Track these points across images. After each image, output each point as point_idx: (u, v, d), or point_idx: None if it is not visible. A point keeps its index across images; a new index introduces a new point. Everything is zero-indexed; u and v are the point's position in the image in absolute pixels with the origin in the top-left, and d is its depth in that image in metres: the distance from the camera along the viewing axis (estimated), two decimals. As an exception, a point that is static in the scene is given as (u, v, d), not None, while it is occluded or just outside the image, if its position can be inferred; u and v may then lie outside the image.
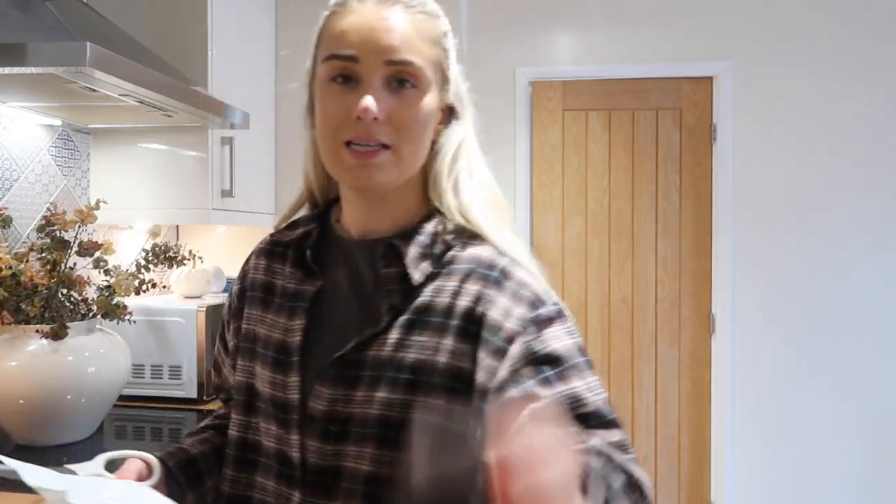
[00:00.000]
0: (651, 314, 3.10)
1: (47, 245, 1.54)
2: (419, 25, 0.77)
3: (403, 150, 0.76)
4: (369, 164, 0.75)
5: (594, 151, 3.14)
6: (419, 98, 0.76)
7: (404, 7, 0.77)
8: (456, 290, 0.76)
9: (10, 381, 1.45)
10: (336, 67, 0.76)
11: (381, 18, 0.75)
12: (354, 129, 0.74)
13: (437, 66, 0.79)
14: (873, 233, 2.96)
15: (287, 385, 0.79)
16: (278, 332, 0.82)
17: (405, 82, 0.76)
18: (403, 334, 0.75)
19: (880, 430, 2.97)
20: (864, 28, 2.95)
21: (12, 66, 1.26)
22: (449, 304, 0.75)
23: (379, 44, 0.74)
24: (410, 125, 0.76)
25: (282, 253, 0.88)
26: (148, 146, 2.03)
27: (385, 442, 0.73)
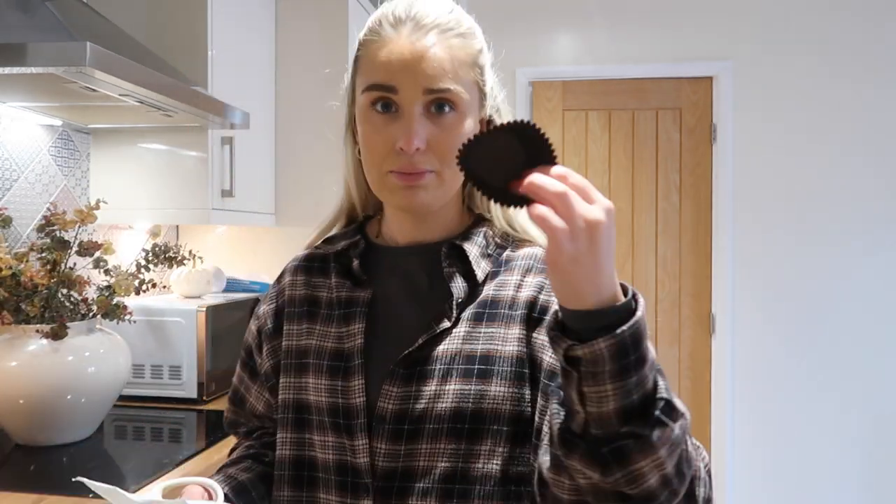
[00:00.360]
0: (651, 314, 3.10)
1: (47, 245, 1.54)
2: (455, 50, 0.77)
3: (446, 173, 0.78)
4: (415, 185, 0.77)
5: (594, 151, 3.14)
6: (460, 122, 0.77)
7: (439, 32, 0.77)
8: (518, 283, 0.80)
9: (10, 381, 1.45)
10: (376, 97, 0.77)
11: (418, 48, 0.76)
12: (398, 161, 0.76)
13: (474, 86, 0.80)
14: (873, 233, 2.96)
15: (350, 390, 0.79)
16: (330, 340, 0.83)
17: (444, 107, 0.77)
18: (471, 327, 0.78)
19: (880, 430, 2.97)
20: (864, 28, 2.95)
21: (12, 66, 1.26)
22: (513, 297, 0.79)
23: (417, 74, 0.75)
24: (452, 151, 0.73)
25: (321, 267, 0.89)
26: (148, 146, 2.03)
27: (460, 435, 0.74)
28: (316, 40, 2.40)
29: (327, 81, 2.71)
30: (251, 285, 2.37)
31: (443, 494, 0.74)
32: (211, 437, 1.61)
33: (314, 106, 2.41)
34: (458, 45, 0.78)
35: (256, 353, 0.92)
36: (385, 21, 0.79)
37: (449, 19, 0.78)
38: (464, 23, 0.80)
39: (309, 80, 2.41)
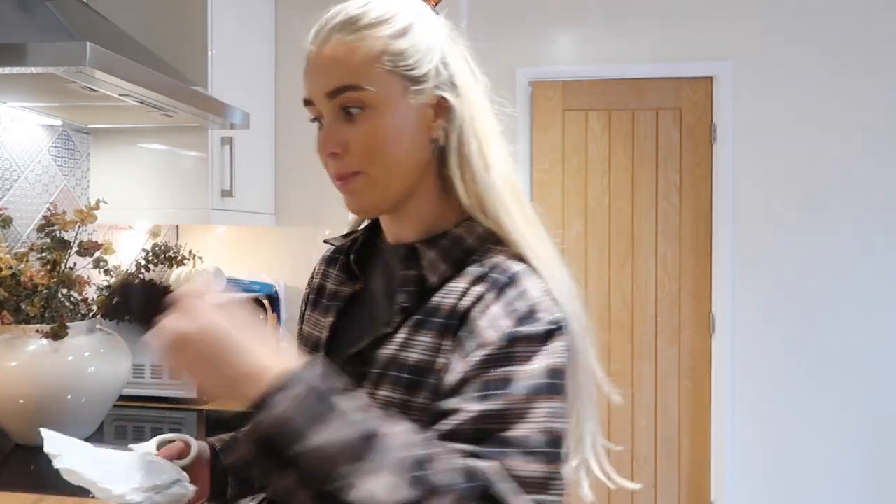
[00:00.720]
0: (651, 314, 3.10)
1: (47, 245, 1.54)
2: (354, 45, 0.74)
3: (373, 172, 0.76)
4: (347, 190, 0.78)
5: (594, 151, 3.14)
6: (373, 118, 0.75)
7: (339, 31, 0.75)
8: (463, 291, 0.74)
9: (10, 381, 1.45)
10: (308, 113, 0.79)
11: (318, 58, 0.76)
12: (330, 167, 0.78)
13: (389, 75, 0.75)
14: (874, 233, 2.96)
15: None
16: (317, 330, 0.87)
17: (351, 109, 0.75)
18: (410, 334, 0.75)
19: (880, 430, 2.97)
20: (864, 28, 2.95)
21: (12, 66, 1.26)
22: (452, 306, 0.74)
23: (317, 83, 0.76)
24: (369, 149, 0.76)
25: (336, 259, 0.92)
26: (148, 146, 2.03)
27: None
28: (316, 40, 2.39)
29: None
30: (251, 285, 2.38)
31: None
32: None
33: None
34: (356, 38, 0.75)
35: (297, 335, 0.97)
36: (311, 35, 0.79)
37: (354, 14, 0.76)
38: (373, 11, 0.76)
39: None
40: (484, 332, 0.69)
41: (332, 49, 0.75)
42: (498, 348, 0.68)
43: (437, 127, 0.78)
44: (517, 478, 0.62)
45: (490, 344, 0.68)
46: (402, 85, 0.76)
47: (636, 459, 3.11)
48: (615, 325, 3.11)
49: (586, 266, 3.13)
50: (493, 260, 0.76)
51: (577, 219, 3.14)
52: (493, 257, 0.76)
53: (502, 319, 0.70)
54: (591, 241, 3.13)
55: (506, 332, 0.69)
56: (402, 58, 0.76)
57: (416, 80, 0.77)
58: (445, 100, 0.78)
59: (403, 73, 0.76)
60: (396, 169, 0.77)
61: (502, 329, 0.69)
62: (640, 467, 3.11)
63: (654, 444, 3.10)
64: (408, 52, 0.76)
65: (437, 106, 0.78)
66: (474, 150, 0.78)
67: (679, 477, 3.10)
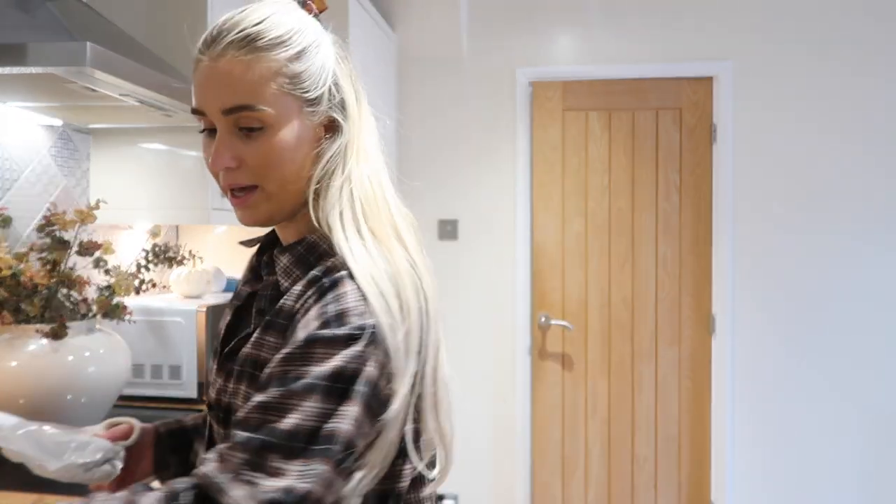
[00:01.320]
0: (651, 314, 3.10)
1: (47, 245, 1.54)
2: (252, 65, 0.76)
3: (268, 186, 0.80)
4: (244, 207, 0.81)
5: (594, 151, 3.14)
6: (269, 137, 0.78)
7: (236, 49, 0.76)
8: (300, 294, 0.78)
9: (10, 381, 1.45)
10: (199, 122, 0.81)
11: (213, 70, 0.77)
12: (222, 179, 0.80)
13: (284, 97, 0.78)
14: (874, 233, 2.96)
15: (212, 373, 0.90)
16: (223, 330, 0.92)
17: (248, 127, 0.78)
18: (261, 334, 0.80)
19: (880, 430, 2.97)
20: (864, 28, 2.95)
21: (12, 66, 1.26)
22: (290, 307, 0.78)
23: (212, 98, 0.77)
24: (265, 166, 0.78)
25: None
26: (148, 146, 2.03)
27: None
28: (316, 40, 2.39)
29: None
30: (251, 285, 2.37)
31: None
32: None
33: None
34: (254, 60, 0.76)
35: None
36: (202, 43, 0.80)
37: (251, 32, 0.77)
38: (271, 32, 0.77)
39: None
40: (297, 332, 0.73)
41: (228, 65, 0.76)
42: (298, 347, 0.72)
43: (324, 143, 0.82)
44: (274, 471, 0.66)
45: (294, 343, 0.72)
46: (297, 105, 0.79)
47: (636, 459, 3.11)
48: (615, 325, 3.11)
49: (586, 266, 3.13)
50: (327, 265, 0.78)
51: (577, 219, 3.14)
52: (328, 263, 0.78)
53: (313, 321, 0.73)
54: (591, 241, 3.13)
55: (311, 332, 0.72)
56: (297, 81, 0.78)
57: (311, 102, 0.80)
58: (336, 119, 0.82)
59: (299, 95, 0.79)
60: (290, 184, 0.81)
61: (310, 331, 0.72)
62: (640, 467, 3.11)
63: (654, 444, 3.10)
64: (303, 75, 0.79)
65: (329, 126, 0.83)
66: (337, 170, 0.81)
67: (679, 477, 3.10)
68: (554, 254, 3.15)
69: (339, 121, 0.82)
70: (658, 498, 3.11)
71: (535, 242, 3.16)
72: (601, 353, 3.12)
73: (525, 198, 3.14)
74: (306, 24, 0.81)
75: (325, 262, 0.79)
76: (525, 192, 3.15)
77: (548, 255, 3.16)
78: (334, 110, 0.82)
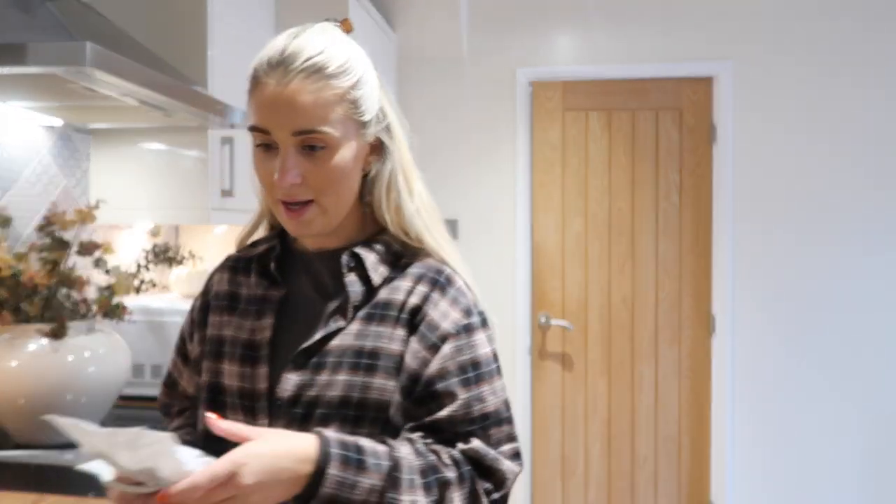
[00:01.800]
0: (651, 314, 3.10)
1: (47, 245, 1.54)
2: (320, 92, 0.84)
3: (325, 202, 0.88)
4: (300, 220, 0.88)
5: (594, 151, 3.14)
6: (331, 156, 0.86)
7: (306, 76, 0.84)
8: (409, 289, 0.90)
9: (10, 381, 1.45)
10: (256, 137, 0.87)
11: (284, 94, 0.84)
12: (281, 191, 0.87)
13: (346, 120, 0.87)
14: (873, 233, 2.96)
15: (255, 376, 0.90)
16: (245, 333, 0.94)
17: (314, 147, 0.85)
18: (363, 326, 0.88)
19: (880, 430, 2.97)
20: (864, 27, 2.95)
21: (12, 66, 1.26)
22: (403, 301, 0.89)
23: (283, 119, 0.84)
24: (326, 182, 0.87)
25: (245, 268, 1.00)
26: (148, 146, 2.03)
27: (346, 420, 0.85)
28: (316, 40, 2.39)
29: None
30: (251, 285, 2.37)
31: None
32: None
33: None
34: (322, 87, 0.85)
35: (189, 341, 1.03)
36: (261, 67, 0.87)
37: (318, 60, 0.85)
38: (334, 61, 0.86)
39: (309, 80, 2.40)
40: (440, 324, 0.88)
41: (298, 92, 0.84)
42: (459, 337, 0.88)
43: (370, 162, 0.93)
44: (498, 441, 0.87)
45: (452, 335, 0.88)
46: (355, 128, 0.88)
47: (636, 459, 3.11)
48: (615, 325, 3.11)
49: (586, 266, 3.13)
50: (427, 263, 0.93)
51: (577, 219, 3.14)
52: (426, 260, 0.93)
53: (452, 313, 0.89)
54: (591, 241, 3.13)
55: (460, 323, 0.89)
56: (356, 106, 0.88)
57: (364, 125, 0.89)
58: (381, 141, 0.92)
59: (356, 119, 0.88)
60: (341, 200, 0.90)
61: (456, 321, 0.89)
62: (640, 467, 3.11)
63: (654, 443, 3.10)
64: (360, 100, 0.88)
65: (374, 145, 0.92)
66: (401, 183, 0.93)
67: (679, 477, 3.10)
68: (554, 254, 3.15)
69: (386, 141, 0.92)
70: (658, 498, 3.11)
71: (535, 242, 3.16)
72: (601, 354, 3.12)
73: (525, 198, 3.14)
74: (358, 53, 0.90)
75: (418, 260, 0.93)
76: (525, 192, 3.15)
77: (548, 255, 3.16)
78: (381, 132, 0.92)
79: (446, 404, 0.85)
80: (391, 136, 0.93)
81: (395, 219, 0.93)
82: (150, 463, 0.71)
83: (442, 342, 0.87)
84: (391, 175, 0.93)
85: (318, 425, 0.84)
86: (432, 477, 0.81)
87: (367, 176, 0.93)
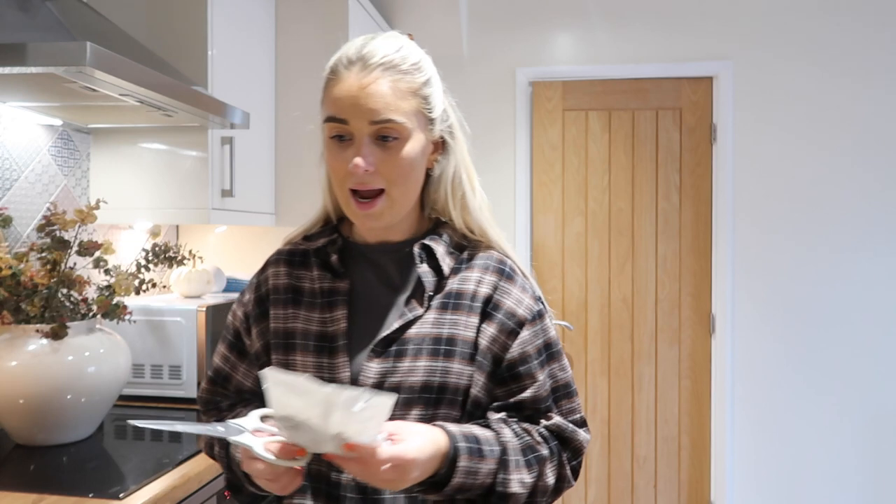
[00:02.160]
0: (651, 314, 3.10)
1: (47, 245, 1.54)
2: (396, 85, 0.91)
3: (394, 192, 0.93)
4: (370, 213, 0.93)
5: (594, 151, 3.14)
6: (402, 147, 0.92)
7: (383, 70, 0.91)
8: (479, 279, 0.97)
9: (10, 381, 1.45)
10: (333, 128, 0.92)
11: (364, 86, 0.90)
12: (354, 180, 0.91)
13: (417, 114, 0.93)
14: (873, 233, 2.96)
15: (335, 366, 0.94)
16: (315, 324, 0.97)
17: (387, 137, 0.91)
18: (438, 314, 0.94)
19: (879, 430, 2.97)
20: (864, 28, 2.95)
21: (12, 66, 1.26)
22: (474, 291, 0.96)
23: (362, 108, 0.89)
24: (397, 172, 0.92)
25: (302, 261, 1.03)
26: (148, 146, 2.03)
27: (427, 403, 0.91)
28: (316, 40, 2.40)
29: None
30: (251, 285, 2.37)
31: None
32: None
33: (314, 106, 2.40)
34: (399, 79, 0.91)
35: (245, 335, 1.04)
36: (340, 63, 0.93)
37: (394, 58, 0.92)
38: (409, 59, 0.93)
39: (309, 80, 2.40)
40: (516, 311, 0.96)
41: (376, 84, 0.90)
42: (534, 323, 0.97)
43: (433, 159, 0.99)
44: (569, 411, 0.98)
45: (528, 321, 0.96)
46: (424, 123, 0.95)
47: (636, 459, 3.11)
48: (615, 325, 3.11)
49: (586, 266, 3.13)
50: (490, 254, 1.00)
51: (577, 219, 3.14)
52: (488, 252, 1.01)
53: (526, 300, 0.98)
54: (591, 241, 3.13)
55: (533, 310, 0.98)
56: (427, 101, 0.94)
57: (432, 122, 0.96)
58: (444, 140, 0.99)
59: (425, 114, 0.95)
60: (409, 191, 0.96)
61: (530, 308, 0.97)
62: (639, 467, 3.11)
63: (654, 443, 3.10)
64: (430, 97, 0.95)
65: (439, 143, 0.99)
66: (465, 181, 1.01)
67: (679, 477, 3.10)
68: (554, 254, 3.15)
69: (449, 141, 0.99)
70: (658, 498, 3.11)
71: (535, 242, 3.16)
72: (601, 353, 3.12)
73: (525, 197, 3.14)
74: (427, 57, 0.98)
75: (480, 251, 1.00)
76: (525, 191, 3.15)
77: (548, 255, 3.16)
78: (445, 131, 0.98)
79: (528, 385, 0.94)
80: (453, 136, 1.00)
81: (462, 214, 1.00)
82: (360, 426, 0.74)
83: (520, 328, 0.95)
84: (455, 172, 1.00)
85: (402, 409, 0.90)
86: (531, 455, 0.92)
87: (429, 175, 0.99)
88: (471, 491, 0.87)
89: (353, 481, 0.91)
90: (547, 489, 0.94)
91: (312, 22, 2.40)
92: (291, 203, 2.41)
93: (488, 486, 0.88)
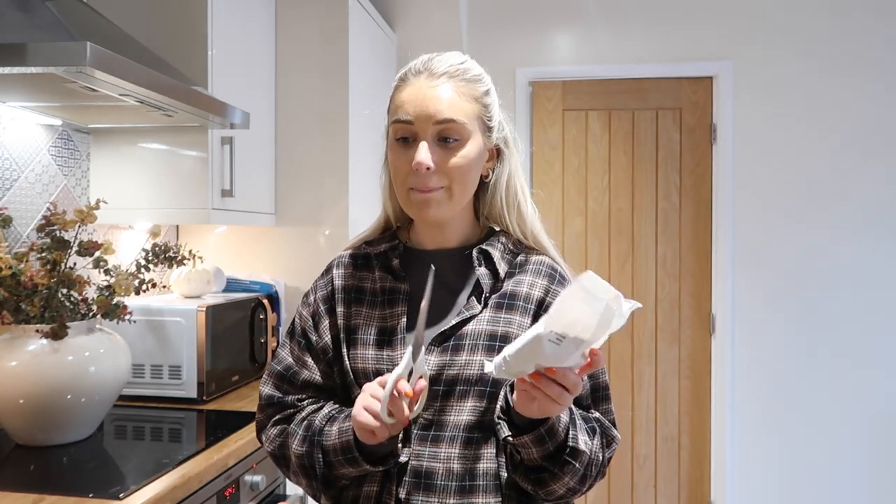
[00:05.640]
0: (651, 314, 3.10)
1: (47, 245, 1.54)
2: (460, 90, 1.00)
3: (454, 189, 1.01)
4: (429, 199, 1.00)
5: (594, 151, 3.14)
6: (462, 147, 1.00)
7: (448, 77, 1.01)
8: (532, 283, 1.05)
9: (10, 381, 1.45)
10: (399, 129, 1.01)
11: (431, 89, 1.00)
12: (415, 179, 0.99)
13: (478, 119, 1.02)
14: (873, 233, 2.96)
15: (396, 358, 0.99)
16: (376, 321, 1.04)
17: (449, 138, 0.99)
18: (494, 313, 1.01)
19: (880, 430, 2.97)
20: (864, 27, 2.96)
21: (12, 66, 1.26)
22: (527, 293, 1.04)
23: (428, 110, 0.98)
24: (457, 170, 1.00)
25: (364, 264, 1.11)
26: (148, 146, 2.03)
27: (482, 395, 0.97)
28: (316, 40, 2.40)
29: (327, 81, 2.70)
30: (251, 285, 2.38)
31: (465, 441, 0.97)
32: (211, 437, 1.60)
33: (314, 106, 2.41)
34: (463, 86, 1.01)
35: (313, 332, 1.10)
36: (409, 72, 1.03)
37: (459, 68, 1.02)
38: (471, 70, 1.04)
39: (309, 80, 2.40)
40: None
41: (442, 88, 1.00)
42: None
43: (488, 167, 1.08)
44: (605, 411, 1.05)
45: None
46: (482, 128, 1.03)
47: (636, 459, 3.11)
48: (615, 325, 3.11)
49: (586, 266, 3.13)
50: (541, 259, 1.08)
51: (577, 219, 3.14)
52: (539, 257, 1.09)
53: None
54: (591, 241, 3.13)
55: None
56: (486, 109, 1.04)
57: (490, 129, 1.05)
58: (499, 149, 1.08)
59: (484, 121, 1.03)
60: (466, 190, 1.03)
61: None
62: (640, 467, 3.11)
63: (654, 443, 3.10)
64: (489, 107, 1.05)
65: (494, 152, 1.07)
66: (518, 190, 1.10)
67: (679, 477, 3.10)
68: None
69: (503, 150, 1.08)
70: (658, 497, 3.11)
71: (535, 242, 3.16)
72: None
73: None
74: (487, 75, 1.07)
75: (532, 256, 1.08)
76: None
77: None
78: (500, 141, 1.07)
79: None
80: (508, 147, 1.09)
81: (518, 221, 1.09)
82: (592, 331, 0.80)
83: None
84: (510, 181, 1.09)
85: (458, 401, 0.97)
86: (588, 424, 0.99)
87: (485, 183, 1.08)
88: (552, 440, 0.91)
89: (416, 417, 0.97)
90: (598, 462, 0.98)
91: (312, 22, 2.40)
92: (291, 203, 2.41)
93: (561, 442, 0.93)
